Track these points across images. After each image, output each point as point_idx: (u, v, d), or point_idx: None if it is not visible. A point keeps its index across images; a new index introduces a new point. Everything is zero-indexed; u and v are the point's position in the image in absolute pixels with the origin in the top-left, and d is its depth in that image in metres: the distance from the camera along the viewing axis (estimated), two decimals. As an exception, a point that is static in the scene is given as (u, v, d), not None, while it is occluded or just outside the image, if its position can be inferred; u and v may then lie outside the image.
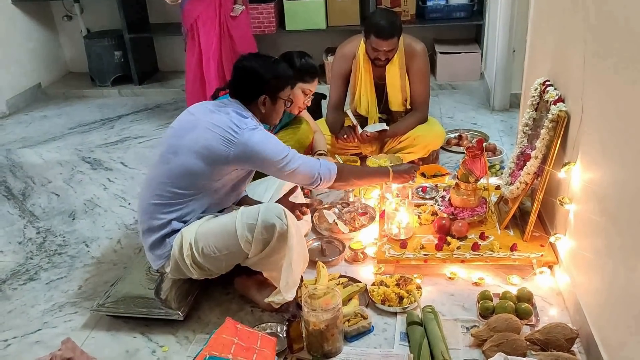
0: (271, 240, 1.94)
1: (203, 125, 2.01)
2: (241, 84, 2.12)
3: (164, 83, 5.05)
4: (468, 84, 4.59)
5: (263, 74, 2.09)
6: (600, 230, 1.75)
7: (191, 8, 3.63)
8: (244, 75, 2.11)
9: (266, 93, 2.10)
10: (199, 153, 1.98)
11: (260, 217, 1.94)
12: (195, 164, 1.99)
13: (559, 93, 2.12)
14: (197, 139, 2.00)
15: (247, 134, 1.98)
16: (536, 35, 2.67)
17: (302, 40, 4.77)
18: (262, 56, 2.20)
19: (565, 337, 1.81)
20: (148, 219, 2.08)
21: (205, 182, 2.04)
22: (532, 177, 2.19)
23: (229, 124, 1.99)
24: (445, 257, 2.25)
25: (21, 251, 2.71)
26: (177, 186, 2.02)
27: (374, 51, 2.93)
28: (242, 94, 2.12)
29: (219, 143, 1.97)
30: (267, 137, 2.04)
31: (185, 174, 2.01)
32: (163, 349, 2.03)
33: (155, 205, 2.05)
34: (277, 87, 2.13)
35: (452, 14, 4.64)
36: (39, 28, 5.08)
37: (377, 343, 1.97)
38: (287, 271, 1.97)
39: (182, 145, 2.02)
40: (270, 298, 2.03)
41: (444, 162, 3.29)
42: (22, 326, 2.20)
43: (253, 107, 2.12)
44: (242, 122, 2.00)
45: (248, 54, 2.20)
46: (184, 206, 2.05)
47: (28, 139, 4.10)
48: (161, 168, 2.07)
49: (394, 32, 2.86)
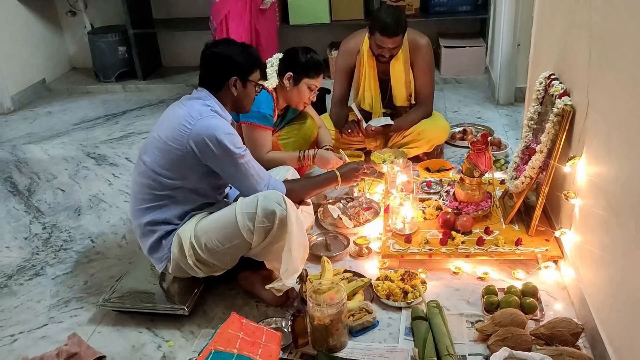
0: (272, 227, 1.94)
1: (166, 122, 2.03)
2: (210, 70, 2.09)
3: (168, 78, 5.06)
4: (472, 78, 4.58)
5: (232, 55, 2.07)
6: (605, 225, 1.75)
7: (223, 3, 3.63)
8: (212, 61, 2.09)
9: (236, 74, 2.08)
10: (160, 149, 2.00)
11: (260, 205, 1.94)
12: (158, 161, 2.00)
13: (564, 87, 2.11)
14: (159, 135, 2.01)
15: (201, 122, 1.96)
16: (541, 29, 2.66)
17: (306, 35, 4.76)
18: (228, 40, 2.19)
19: (571, 332, 1.81)
20: (139, 225, 2.09)
21: (173, 182, 2.02)
22: (537, 171, 2.18)
23: (185, 116, 1.98)
24: (450, 251, 2.25)
25: (27, 247, 2.72)
26: (151, 186, 2.03)
27: (378, 48, 2.92)
28: (210, 80, 2.09)
29: (174, 136, 1.97)
30: (226, 126, 2.02)
31: (153, 171, 2.02)
32: (169, 343, 2.03)
33: (140, 210, 2.07)
34: (247, 68, 2.10)
35: (457, 8, 4.62)
36: (43, 24, 5.08)
37: (381, 338, 1.97)
38: (287, 257, 1.97)
39: (148, 143, 2.05)
40: (271, 285, 2.02)
41: (449, 156, 3.28)
42: (28, 321, 2.21)
43: (223, 93, 2.09)
44: (199, 113, 1.98)
45: (212, 42, 2.18)
46: (166, 208, 2.05)
47: (33, 135, 4.12)
48: (137, 168, 2.09)
49: (399, 30, 2.85)
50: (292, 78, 2.59)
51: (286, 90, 2.63)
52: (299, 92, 2.63)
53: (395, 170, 2.68)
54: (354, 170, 2.41)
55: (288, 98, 2.69)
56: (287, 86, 2.61)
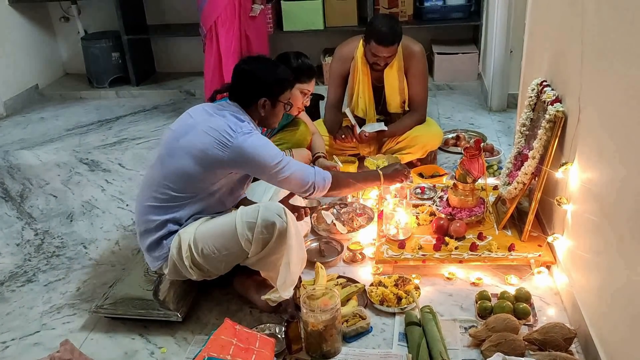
0: (271, 239, 1.94)
1: (200, 128, 2.01)
2: (241, 87, 2.11)
3: (162, 84, 5.04)
4: (465, 84, 4.60)
5: (264, 77, 2.09)
6: (597, 230, 1.76)
7: (211, 9, 3.64)
8: (244, 79, 2.11)
9: (266, 96, 2.10)
10: (195, 156, 1.99)
11: (260, 216, 1.94)
12: (190, 167, 1.99)
13: (556, 93, 2.12)
14: (194, 142, 2.00)
15: (241, 138, 1.98)
16: (533, 36, 2.68)
17: (300, 41, 4.78)
18: (263, 59, 2.21)
19: (563, 337, 1.81)
20: (145, 221, 2.08)
21: (201, 185, 2.04)
22: (529, 177, 2.19)
23: (224, 127, 1.99)
24: (444, 257, 2.25)
25: (19, 253, 2.71)
26: (173, 188, 2.03)
27: (373, 57, 2.93)
28: (241, 97, 2.11)
29: (214, 146, 1.97)
30: (262, 141, 2.04)
31: (181, 176, 2.01)
32: (162, 350, 2.02)
33: (152, 207, 2.06)
34: (278, 90, 2.13)
35: (450, 15, 4.64)
36: (36, 29, 5.07)
37: (375, 343, 1.97)
38: (285, 270, 1.98)
39: (179, 148, 2.03)
40: (267, 296, 2.03)
41: (442, 162, 3.29)
42: (20, 328, 2.20)
43: (252, 110, 2.11)
44: (238, 126, 2.00)
45: (248, 57, 2.20)
46: (180, 208, 2.05)
47: (25, 141, 4.10)
48: (158, 170, 2.07)
49: (394, 40, 2.86)
50: (286, 84, 2.60)
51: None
52: (292, 97, 2.62)
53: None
54: (398, 172, 2.38)
55: (281, 104, 2.69)
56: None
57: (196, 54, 4.78)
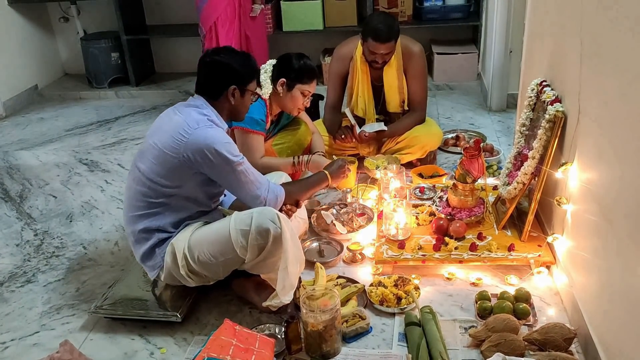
0: (266, 245, 1.94)
1: (163, 129, 2.01)
2: (208, 78, 2.08)
3: (161, 84, 5.05)
4: (465, 84, 4.60)
5: (231, 64, 2.07)
6: (597, 230, 1.76)
7: (211, 10, 3.64)
8: (212, 69, 2.08)
9: (236, 83, 2.07)
10: (156, 156, 1.98)
11: (254, 223, 1.93)
12: (154, 169, 1.99)
13: (555, 93, 2.12)
14: (155, 143, 2.00)
15: (198, 132, 1.95)
16: (533, 36, 2.68)
17: (300, 41, 4.78)
18: (228, 49, 2.18)
19: (563, 337, 1.81)
20: (132, 232, 2.08)
21: (169, 190, 2.01)
22: (529, 177, 2.19)
23: (182, 124, 1.97)
24: (443, 257, 2.25)
25: (18, 253, 2.71)
26: (146, 194, 2.02)
27: (371, 54, 2.93)
28: (208, 88, 2.08)
29: (171, 144, 1.96)
30: (223, 136, 2.01)
31: (148, 179, 2.01)
32: (161, 350, 2.02)
33: (134, 216, 2.06)
34: (245, 77, 2.10)
35: (449, 15, 4.65)
36: (36, 30, 5.07)
37: (375, 344, 1.97)
38: (283, 274, 1.97)
39: (144, 150, 2.04)
40: (268, 302, 2.03)
41: (442, 162, 3.29)
42: (19, 329, 2.19)
43: (220, 102, 2.09)
44: (195, 122, 1.97)
45: (214, 49, 2.18)
46: (160, 215, 2.04)
47: (25, 141, 4.10)
48: (132, 175, 2.08)
49: (391, 36, 2.86)
50: (286, 84, 2.60)
51: (280, 96, 2.64)
52: (293, 98, 2.63)
53: (389, 176, 2.68)
54: (340, 167, 2.46)
55: (282, 104, 2.69)
56: (281, 92, 2.62)
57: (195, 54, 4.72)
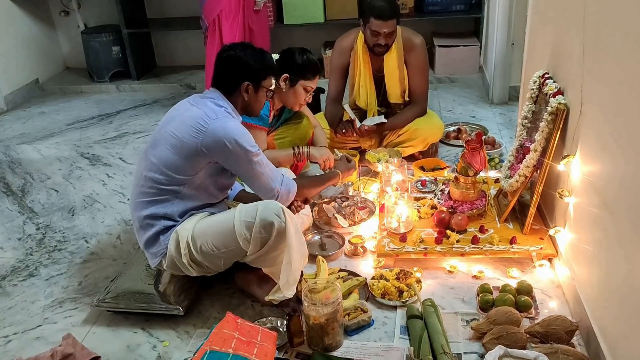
0: (270, 238, 1.94)
1: (179, 119, 2.03)
2: (224, 73, 2.10)
3: (162, 78, 5.04)
4: (467, 77, 4.58)
5: (247, 61, 2.08)
6: (599, 223, 1.75)
7: (214, 2, 3.62)
8: (229, 63, 2.10)
9: (249, 80, 2.09)
10: (173, 144, 2.00)
11: (259, 216, 1.94)
12: (169, 157, 2.00)
13: (558, 86, 2.11)
14: (172, 131, 2.01)
15: (217, 122, 1.98)
16: (535, 28, 2.67)
17: (301, 34, 4.77)
18: (246, 45, 2.19)
19: (565, 330, 1.82)
20: (138, 217, 2.09)
21: (182, 177, 2.02)
22: (531, 170, 2.19)
23: (201, 115, 1.99)
24: (445, 250, 2.25)
25: (21, 247, 2.71)
26: (157, 180, 2.03)
27: (373, 36, 2.91)
28: (224, 82, 2.11)
29: (190, 134, 1.97)
30: (240, 127, 2.04)
31: (162, 167, 2.01)
32: (164, 344, 2.03)
33: (142, 202, 2.06)
34: (261, 74, 2.12)
35: (451, 7, 4.63)
36: (36, 23, 5.06)
37: (377, 336, 1.97)
38: (287, 269, 1.98)
39: (159, 139, 2.05)
40: (270, 296, 2.04)
41: (443, 155, 3.29)
42: (22, 322, 2.20)
43: (234, 96, 2.11)
44: (214, 113, 2.00)
45: (231, 44, 2.19)
46: (170, 203, 2.05)
47: (26, 135, 4.10)
48: (144, 163, 2.09)
49: (393, 14, 2.86)
50: (289, 79, 2.59)
51: (282, 91, 2.63)
52: (295, 93, 2.63)
53: (390, 169, 2.68)
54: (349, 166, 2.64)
55: (284, 99, 2.68)
56: (283, 87, 2.61)
57: (197, 47, 4.77)
